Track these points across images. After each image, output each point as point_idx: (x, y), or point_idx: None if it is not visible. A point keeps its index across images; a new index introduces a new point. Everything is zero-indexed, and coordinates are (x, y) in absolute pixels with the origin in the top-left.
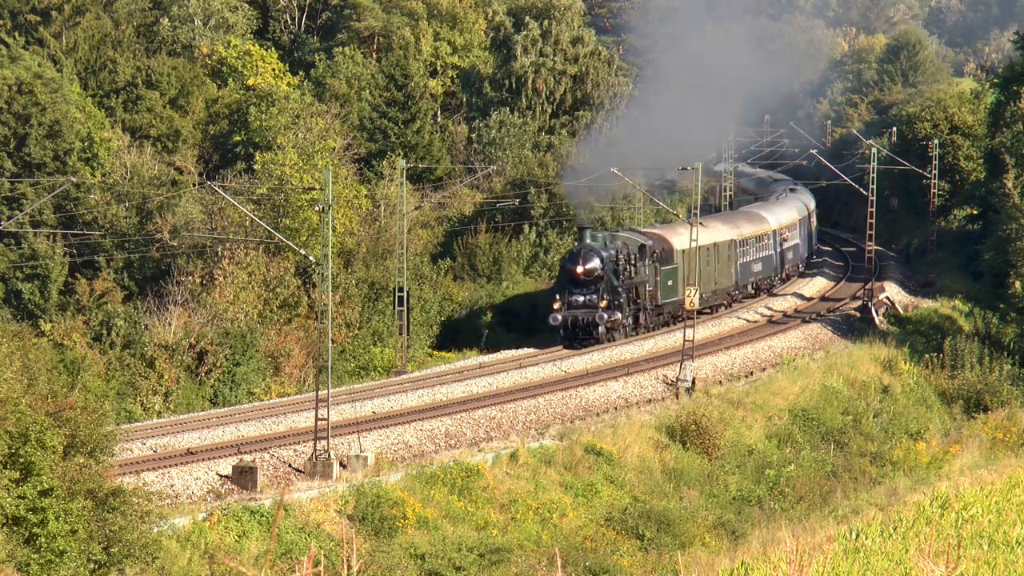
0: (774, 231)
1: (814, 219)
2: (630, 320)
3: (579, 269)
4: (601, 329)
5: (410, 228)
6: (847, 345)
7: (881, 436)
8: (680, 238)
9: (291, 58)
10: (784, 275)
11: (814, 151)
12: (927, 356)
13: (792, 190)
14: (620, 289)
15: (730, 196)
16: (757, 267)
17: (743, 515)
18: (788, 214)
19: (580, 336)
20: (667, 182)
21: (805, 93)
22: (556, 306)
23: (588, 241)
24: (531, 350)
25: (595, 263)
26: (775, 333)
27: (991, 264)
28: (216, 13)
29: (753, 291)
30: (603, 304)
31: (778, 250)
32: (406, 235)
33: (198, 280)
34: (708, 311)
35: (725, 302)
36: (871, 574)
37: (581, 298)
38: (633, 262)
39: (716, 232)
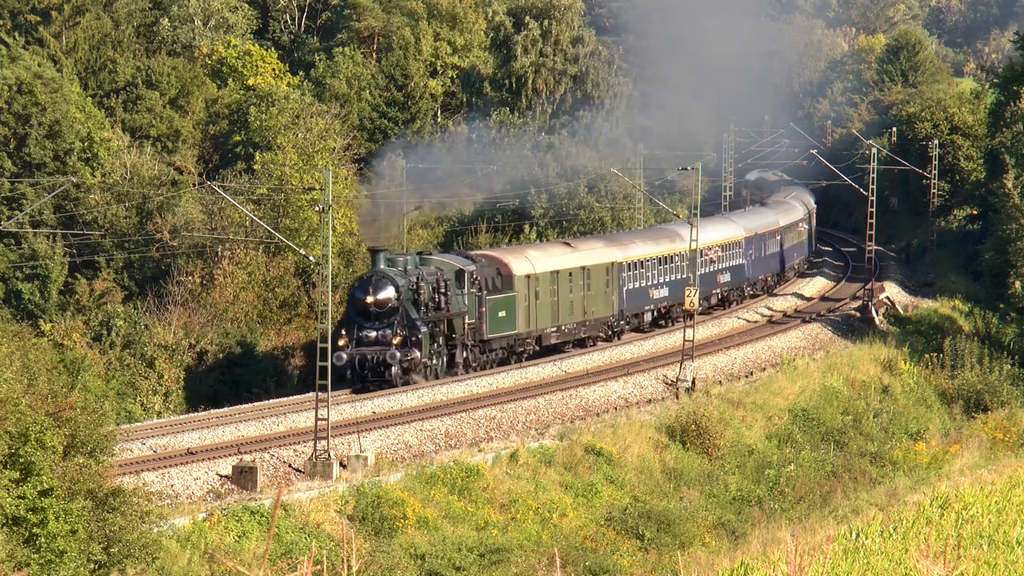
0: (690, 252)
1: (802, 227)
2: (441, 360)
3: (369, 299)
4: (395, 369)
5: (410, 228)
6: (847, 345)
7: (881, 436)
8: (524, 262)
9: (291, 58)
10: (709, 301)
11: (814, 151)
12: (927, 356)
13: (763, 204)
14: (420, 323)
15: (730, 198)
16: (659, 292)
17: (743, 515)
18: (724, 231)
19: (370, 378)
20: (667, 182)
21: (805, 93)
22: (342, 343)
23: (382, 266)
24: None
25: (388, 292)
26: (775, 333)
27: (991, 264)
28: (216, 13)
29: (652, 320)
30: (397, 340)
31: (698, 273)
32: (406, 235)
33: (198, 280)
34: (588, 342)
35: (603, 334)
36: (871, 574)
37: (373, 333)
38: (444, 290)
39: (587, 255)
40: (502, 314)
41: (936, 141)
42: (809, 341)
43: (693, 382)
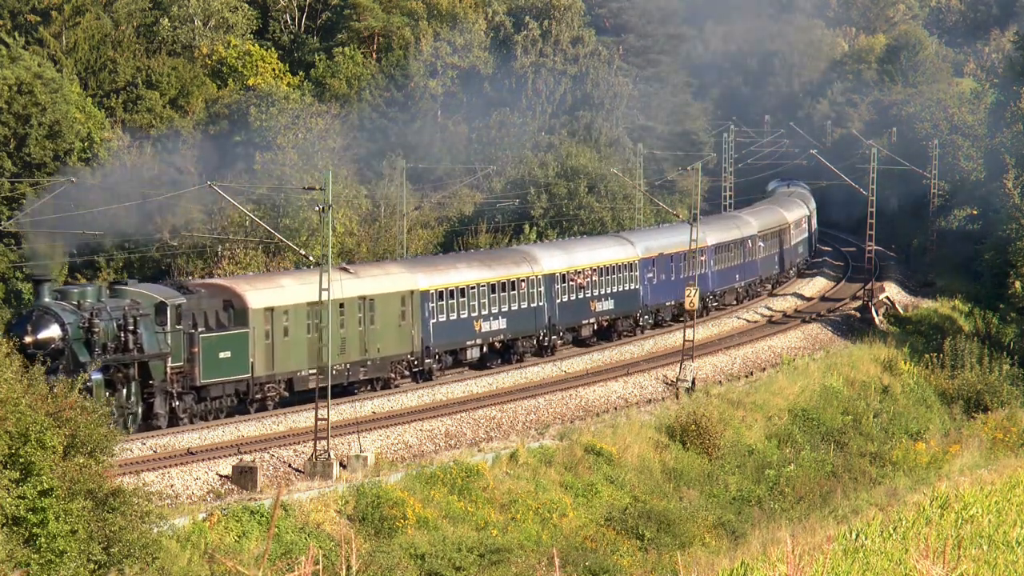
0: (544, 276)
1: (753, 245)
2: (132, 411)
3: (27, 339)
4: None
5: (410, 228)
6: (847, 345)
7: (881, 436)
8: (267, 292)
9: (291, 58)
10: (578, 332)
11: (814, 151)
12: (927, 356)
13: (694, 220)
14: (87, 367)
15: (730, 198)
16: (493, 324)
17: (743, 515)
18: (605, 254)
19: None
20: (667, 182)
21: (805, 93)
22: None
23: (47, 300)
24: None
25: (52, 331)
26: (775, 333)
27: (991, 264)
28: (216, 13)
29: (480, 354)
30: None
31: (557, 301)
32: (406, 235)
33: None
34: (377, 384)
35: (397, 374)
36: (871, 574)
37: None
38: (134, 327)
39: (369, 282)
40: (226, 355)
41: (936, 141)
42: (809, 341)
43: (693, 382)
